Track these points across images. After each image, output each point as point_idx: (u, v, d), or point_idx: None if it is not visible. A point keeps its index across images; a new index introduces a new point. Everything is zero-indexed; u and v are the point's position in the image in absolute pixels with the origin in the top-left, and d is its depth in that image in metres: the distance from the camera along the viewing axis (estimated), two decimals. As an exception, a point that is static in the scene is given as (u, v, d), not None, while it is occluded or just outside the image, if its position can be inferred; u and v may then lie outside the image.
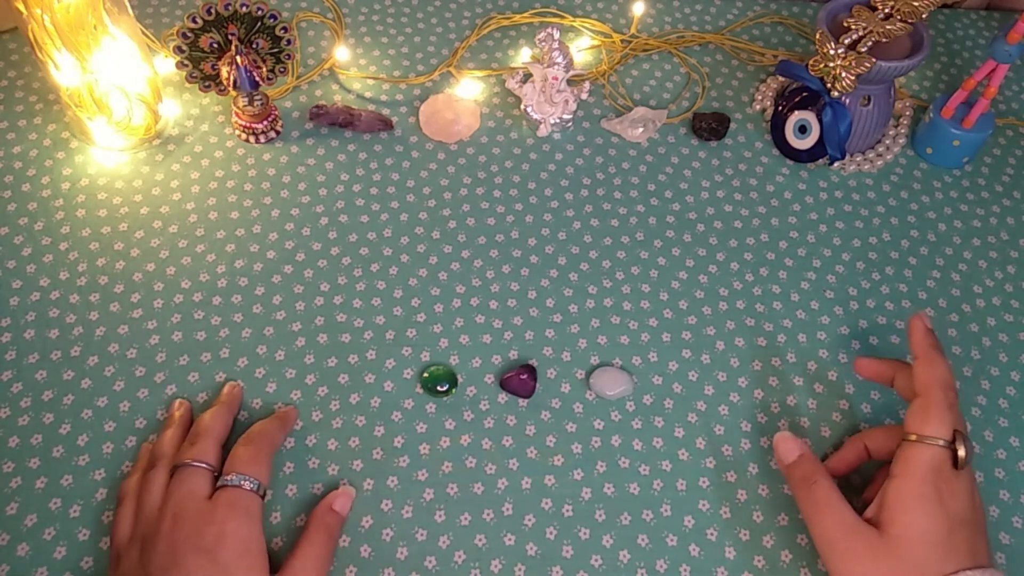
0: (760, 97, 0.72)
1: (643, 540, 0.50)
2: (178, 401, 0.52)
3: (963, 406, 0.56)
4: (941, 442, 0.45)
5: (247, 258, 0.59)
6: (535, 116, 0.68)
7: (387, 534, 0.49)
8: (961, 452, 0.45)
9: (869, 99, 0.66)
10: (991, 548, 0.46)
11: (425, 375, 0.54)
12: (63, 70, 0.57)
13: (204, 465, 0.46)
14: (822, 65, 0.63)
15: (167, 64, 0.67)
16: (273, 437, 0.50)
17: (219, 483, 0.46)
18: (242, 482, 0.45)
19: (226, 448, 0.49)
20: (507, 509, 0.50)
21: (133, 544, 0.44)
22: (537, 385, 0.55)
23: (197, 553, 0.42)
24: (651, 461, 0.53)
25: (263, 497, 0.47)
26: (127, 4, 0.59)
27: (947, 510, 0.44)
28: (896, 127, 0.71)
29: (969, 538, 0.44)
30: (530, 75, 0.68)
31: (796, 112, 0.67)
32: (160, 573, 0.42)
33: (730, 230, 0.64)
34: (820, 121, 0.66)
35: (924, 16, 0.61)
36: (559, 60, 0.65)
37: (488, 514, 0.50)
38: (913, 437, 0.46)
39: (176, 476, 0.46)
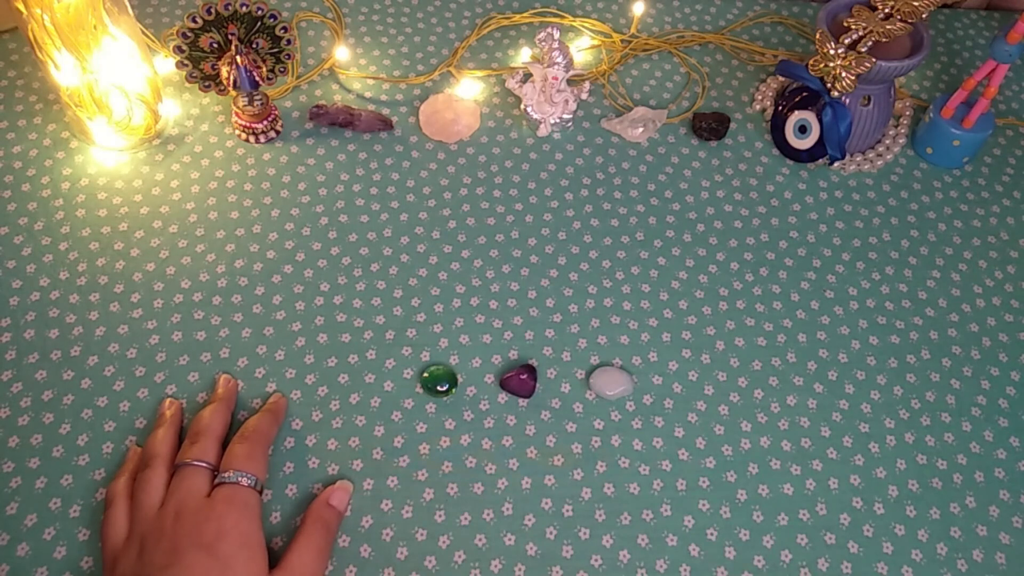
0: (760, 97, 0.72)
1: (643, 540, 0.50)
2: (168, 400, 0.52)
3: (963, 406, 0.56)
4: None
5: (247, 258, 0.59)
6: (535, 116, 0.68)
7: (387, 534, 0.49)
8: None
9: (869, 99, 0.66)
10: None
11: (425, 375, 0.54)
12: (63, 70, 0.57)
13: (205, 464, 0.46)
14: (822, 65, 0.63)
15: (167, 64, 0.67)
16: (268, 432, 0.50)
17: (217, 480, 0.46)
18: (239, 478, 0.46)
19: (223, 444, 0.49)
20: (507, 509, 0.50)
21: (131, 544, 0.44)
22: (537, 385, 0.55)
23: (197, 549, 0.42)
24: (651, 461, 0.53)
25: (260, 492, 0.47)
26: (127, 4, 0.59)
27: None
28: (896, 127, 0.71)
29: None
30: (530, 75, 0.68)
31: (796, 112, 0.67)
32: (161, 571, 0.42)
33: (730, 230, 0.64)
34: (820, 121, 0.66)
35: (924, 16, 0.61)
36: (559, 60, 0.65)
37: (488, 514, 0.50)
38: None
39: (177, 475, 0.46)
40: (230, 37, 0.61)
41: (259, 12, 0.61)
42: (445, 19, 0.76)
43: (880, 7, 0.62)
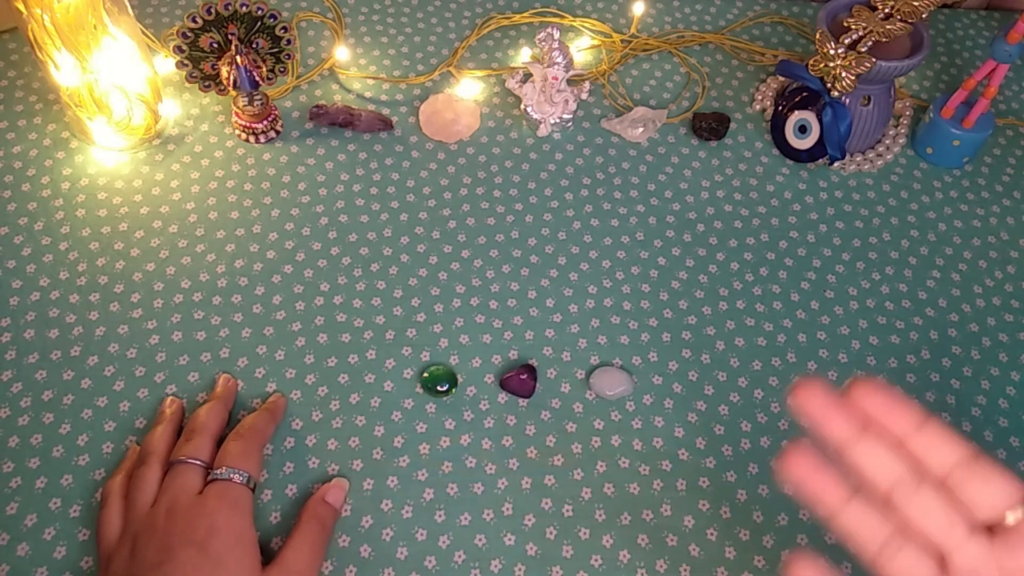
0: (760, 97, 0.72)
1: (643, 540, 0.50)
2: (169, 399, 0.52)
3: (963, 406, 0.56)
4: None
5: (247, 258, 0.59)
6: (535, 116, 0.68)
7: (387, 534, 0.49)
8: None
9: (869, 99, 0.66)
10: None
11: (425, 375, 0.54)
12: (63, 70, 0.57)
13: (198, 462, 0.46)
14: (822, 65, 0.63)
15: (167, 64, 0.67)
16: (263, 431, 0.50)
17: (209, 477, 0.46)
18: (232, 475, 0.46)
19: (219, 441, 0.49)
20: (507, 509, 0.50)
21: (124, 542, 0.44)
22: (537, 385, 0.55)
23: (189, 546, 0.42)
24: (651, 461, 0.53)
25: (253, 489, 0.47)
26: (127, 4, 0.59)
27: None
28: (896, 127, 0.71)
29: None
30: (530, 75, 0.68)
31: (796, 112, 0.67)
32: (153, 569, 0.42)
33: (730, 230, 0.64)
34: (820, 121, 0.66)
35: (924, 16, 0.61)
36: (559, 60, 0.65)
37: (488, 514, 0.50)
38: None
39: (170, 472, 0.46)
40: (230, 37, 0.61)
41: (259, 12, 0.61)
42: (445, 19, 0.76)
43: (880, 7, 0.62)
